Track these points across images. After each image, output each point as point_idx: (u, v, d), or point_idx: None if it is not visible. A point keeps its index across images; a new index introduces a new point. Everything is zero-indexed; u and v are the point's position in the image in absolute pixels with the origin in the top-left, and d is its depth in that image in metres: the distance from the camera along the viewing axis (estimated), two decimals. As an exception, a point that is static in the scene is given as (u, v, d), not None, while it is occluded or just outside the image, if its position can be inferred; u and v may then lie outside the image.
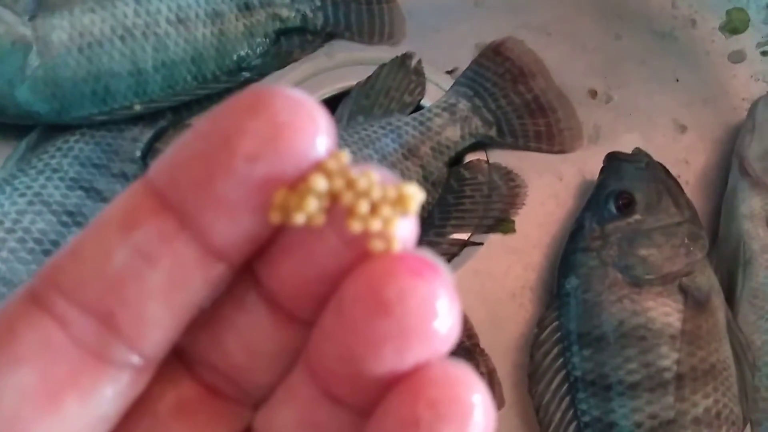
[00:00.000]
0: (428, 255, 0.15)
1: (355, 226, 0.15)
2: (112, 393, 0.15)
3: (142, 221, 0.15)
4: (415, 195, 0.15)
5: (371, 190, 0.15)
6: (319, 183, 0.15)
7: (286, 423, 0.16)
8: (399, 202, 0.15)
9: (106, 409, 0.15)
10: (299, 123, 0.15)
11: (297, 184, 0.15)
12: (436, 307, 0.14)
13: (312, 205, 0.15)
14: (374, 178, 0.15)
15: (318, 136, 0.15)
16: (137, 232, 0.15)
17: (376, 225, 0.15)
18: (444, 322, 0.14)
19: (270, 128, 0.14)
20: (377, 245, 0.15)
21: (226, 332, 0.16)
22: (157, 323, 0.15)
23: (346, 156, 0.15)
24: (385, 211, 0.15)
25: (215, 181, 0.14)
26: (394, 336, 0.14)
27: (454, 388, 0.14)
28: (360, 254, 0.15)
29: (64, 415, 0.15)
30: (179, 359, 0.17)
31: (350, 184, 0.15)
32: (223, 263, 0.15)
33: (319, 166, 0.15)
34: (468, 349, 0.52)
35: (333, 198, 0.15)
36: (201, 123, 0.15)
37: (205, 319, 0.16)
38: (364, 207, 0.15)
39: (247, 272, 0.16)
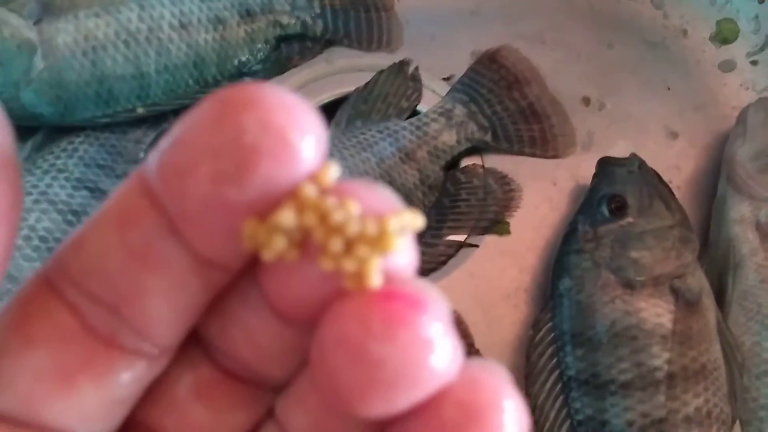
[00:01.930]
0: (415, 286, 0.14)
1: (326, 265, 0.13)
2: (127, 378, 0.15)
3: (137, 221, 0.14)
4: (404, 229, 0.13)
5: (347, 225, 0.13)
6: (286, 219, 0.13)
7: (300, 423, 0.16)
8: (379, 240, 0.13)
9: (122, 393, 0.15)
10: (269, 144, 0.13)
11: (267, 213, 0.13)
12: (424, 345, 0.13)
13: (279, 242, 0.13)
14: (353, 210, 0.13)
15: (291, 160, 0.13)
16: (133, 232, 0.14)
17: (349, 265, 0.13)
18: (437, 358, 0.13)
19: (234, 151, 0.13)
20: (351, 283, 0.13)
21: (234, 327, 0.16)
22: (162, 319, 0.15)
23: (331, 174, 0.14)
24: (361, 250, 0.13)
25: (186, 199, 0.13)
26: (380, 385, 0.13)
27: (479, 397, 0.13)
28: (338, 288, 0.14)
29: (78, 397, 0.15)
30: (197, 342, 0.16)
31: (323, 217, 0.13)
32: (218, 269, 0.15)
33: (293, 194, 0.13)
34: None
35: (305, 232, 0.13)
36: (180, 126, 0.14)
37: (214, 309, 0.16)
38: (336, 245, 0.13)
39: (251, 268, 0.15)
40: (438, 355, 0.13)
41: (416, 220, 0.14)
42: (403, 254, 0.14)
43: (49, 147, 0.53)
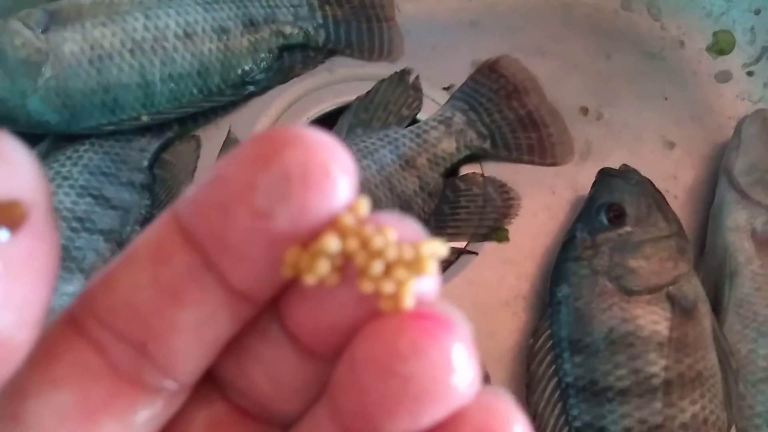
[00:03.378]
0: (442, 308, 0.14)
1: (367, 287, 0.14)
2: (146, 415, 0.16)
3: (170, 257, 0.15)
4: (434, 254, 0.14)
5: (386, 250, 0.14)
6: (331, 244, 0.14)
7: None
8: (415, 263, 0.14)
9: (141, 430, 0.16)
10: (313, 178, 0.14)
11: (310, 241, 0.14)
12: (451, 364, 0.14)
13: (322, 267, 0.14)
14: (391, 236, 0.14)
15: (333, 191, 0.14)
16: (166, 269, 0.15)
17: (388, 287, 0.14)
18: (461, 377, 0.14)
19: (281, 184, 0.14)
20: (387, 304, 0.14)
21: (251, 362, 0.16)
22: (188, 355, 0.15)
23: (364, 207, 0.15)
24: (400, 272, 0.14)
25: (229, 233, 0.14)
26: (407, 399, 0.14)
27: (491, 422, 0.14)
28: (372, 312, 0.15)
29: None
30: (211, 381, 0.17)
31: (365, 242, 0.14)
32: (248, 302, 0.15)
33: (333, 223, 0.14)
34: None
35: (346, 257, 0.14)
36: (221, 164, 0.15)
37: (232, 346, 0.16)
38: (377, 268, 0.14)
39: (272, 304, 0.16)
40: (462, 374, 0.14)
41: (443, 248, 0.15)
42: (432, 279, 0.15)
43: (55, 155, 0.54)
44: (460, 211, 0.57)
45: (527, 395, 0.54)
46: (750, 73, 0.68)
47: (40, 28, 0.53)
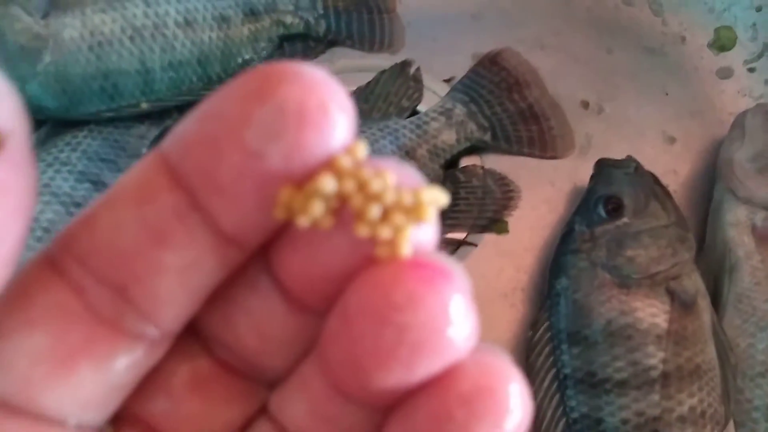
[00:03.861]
0: (441, 258, 0.14)
1: (363, 231, 0.14)
2: (126, 363, 0.15)
3: (155, 197, 0.14)
4: (434, 202, 0.14)
5: (384, 194, 0.14)
6: (327, 185, 0.13)
7: (298, 412, 0.16)
8: (414, 209, 0.14)
9: (120, 379, 0.15)
10: (310, 115, 0.13)
11: (304, 181, 0.14)
12: (448, 315, 0.13)
13: (317, 208, 0.14)
14: (390, 180, 0.14)
15: (330, 130, 0.13)
16: (150, 208, 0.14)
17: (385, 232, 0.14)
18: (458, 329, 0.13)
19: (276, 120, 0.13)
20: (384, 251, 0.14)
21: (238, 315, 0.16)
22: (172, 300, 0.15)
23: (362, 150, 0.14)
24: (398, 218, 0.14)
25: (219, 170, 0.13)
26: (401, 350, 0.13)
27: (487, 380, 0.14)
28: (367, 258, 0.14)
29: (76, 381, 0.14)
30: (195, 334, 0.16)
31: (362, 185, 0.14)
32: (236, 247, 0.14)
33: (330, 164, 0.14)
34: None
35: (342, 200, 0.14)
36: (211, 101, 0.14)
37: (218, 298, 0.15)
38: (374, 212, 0.14)
39: (261, 254, 0.15)
40: (460, 326, 0.13)
41: (443, 196, 0.14)
42: (430, 228, 0.14)
43: (54, 140, 0.54)
44: (459, 203, 0.57)
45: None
46: (751, 70, 0.68)
47: (40, 14, 0.53)
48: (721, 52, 0.69)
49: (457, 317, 0.13)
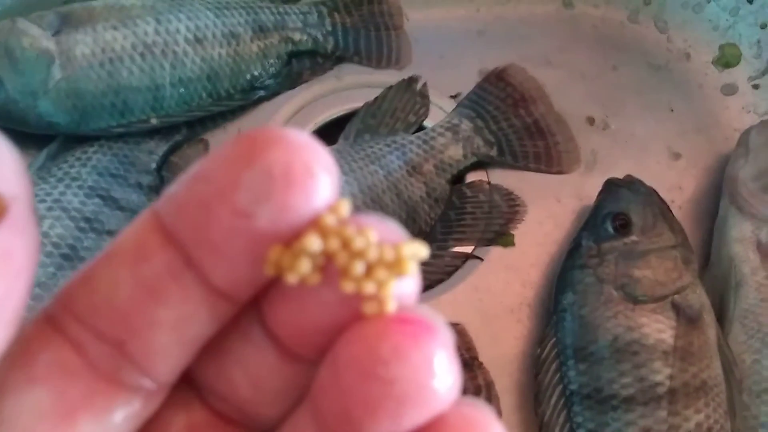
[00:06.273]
0: (424, 313, 0.15)
1: (348, 287, 0.14)
2: (124, 415, 0.15)
3: (150, 255, 0.15)
4: (414, 255, 0.15)
5: (367, 251, 0.14)
6: (313, 244, 0.14)
7: None
8: (396, 264, 0.14)
9: (118, 430, 0.16)
10: (295, 177, 0.14)
11: (292, 240, 0.14)
12: (432, 368, 0.14)
13: (304, 266, 0.14)
14: (372, 237, 0.14)
15: (315, 190, 0.14)
16: (146, 266, 0.15)
17: (369, 287, 0.14)
18: (442, 381, 0.14)
19: (264, 183, 0.14)
20: (370, 307, 0.14)
21: (232, 365, 0.16)
22: (167, 353, 0.15)
23: (345, 208, 0.15)
24: (380, 273, 0.14)
25: (211, 230, 0.14)
26: (389, 402, 0.14)
27: (470, 430, 0.14)
28: (354, 312, 0.15)
29: None
30: (190, 385, 0.17)
31: (346, 243, 0.14)
32: (228, 301, 0.15)
33: (315, 222, 0.14)
34: (467, 361, 0.53)
35: (328, 257, 0.14)
36: (203, 163, 0.15)
37: (212, 349, 0.16)
38: (358, 268, 0.14)
39: (253, 305, 0.16)
40: (444, 378, 0.14)
41: (423, 249, 0.15)
42: (412, 281, 0.15)
43: (64, 156, 0.54)
44: (466, 217, 0.57)
45: (535, 406, 0.54)
46: (756, 86, 0.69)
47: (52, 31, 0.53)
48: (726, 69, 0.69)
49: (441, 370, 0.14)
